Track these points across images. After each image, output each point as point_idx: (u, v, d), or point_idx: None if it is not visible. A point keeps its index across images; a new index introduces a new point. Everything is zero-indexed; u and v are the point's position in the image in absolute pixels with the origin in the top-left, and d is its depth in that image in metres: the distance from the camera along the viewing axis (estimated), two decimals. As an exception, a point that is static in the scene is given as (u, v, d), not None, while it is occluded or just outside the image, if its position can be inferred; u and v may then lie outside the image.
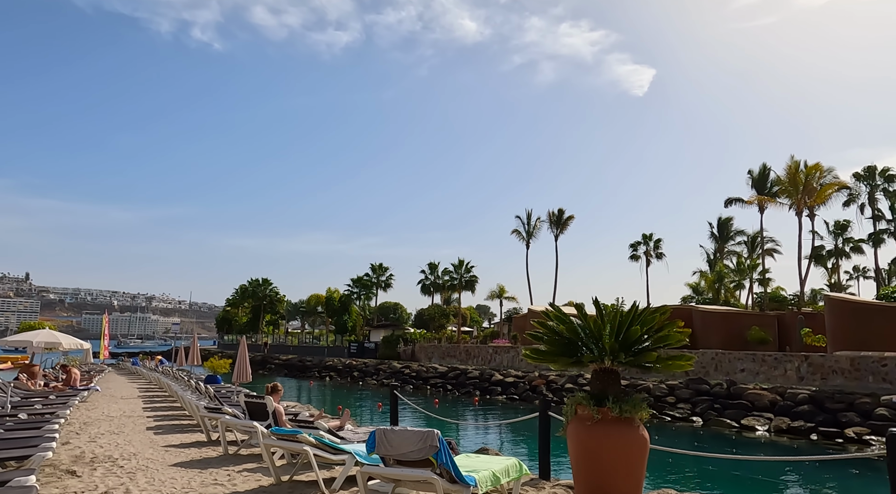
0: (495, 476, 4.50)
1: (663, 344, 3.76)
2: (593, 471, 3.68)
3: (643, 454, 3.68)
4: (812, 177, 40.25)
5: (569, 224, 61.02)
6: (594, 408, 3.74)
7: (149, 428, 10.21)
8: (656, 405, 25.50)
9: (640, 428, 3.68)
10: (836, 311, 26.48)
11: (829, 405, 21.36)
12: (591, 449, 3.68)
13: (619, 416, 3.66)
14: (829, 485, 14.51)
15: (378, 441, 4.31)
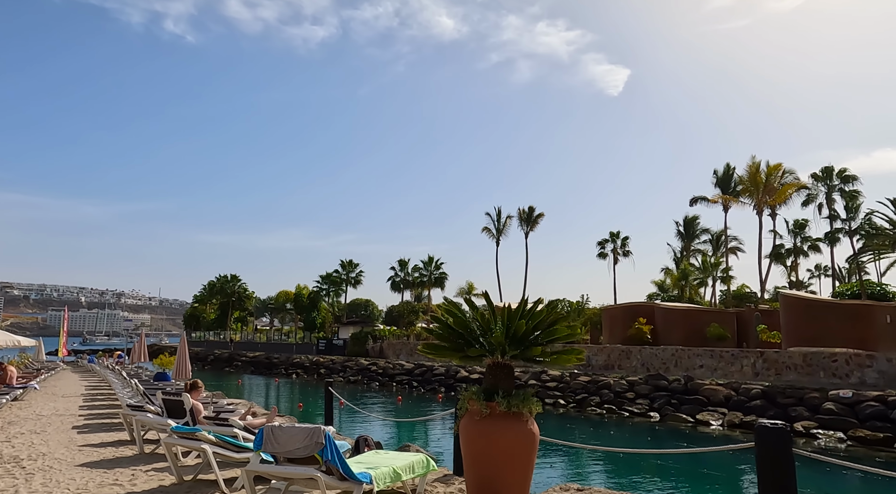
0: (396, 473, 4.41)
1: (550, 339, 3.69)
2: (482, 466, 3.60)
3: (531, 448, 3.61)
4: (772, 178, 41.02)
5: (539, 221, 61.22)
6: (482, 403, 3.66)
7: (75, 427, 9.90)
8: (616, 401, 25.75)
9: (528, 423, 3.61)
10: (791, 308, 27.01)
11: (781, 400, 21.76)
12: (480, 444, 3.60)
13: (508, 411, 3.59)
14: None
15: (266, 439, 4.20)
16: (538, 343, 3.68)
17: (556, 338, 3.75)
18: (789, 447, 3.25)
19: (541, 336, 3.66)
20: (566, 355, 3.88)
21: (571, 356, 3.89)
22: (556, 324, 3.71)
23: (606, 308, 36.80)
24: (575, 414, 25.23)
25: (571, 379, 29.10)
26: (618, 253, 54.41)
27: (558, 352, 3.78)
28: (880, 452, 17.36)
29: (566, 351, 3.78)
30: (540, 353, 3.74)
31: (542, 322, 3.70)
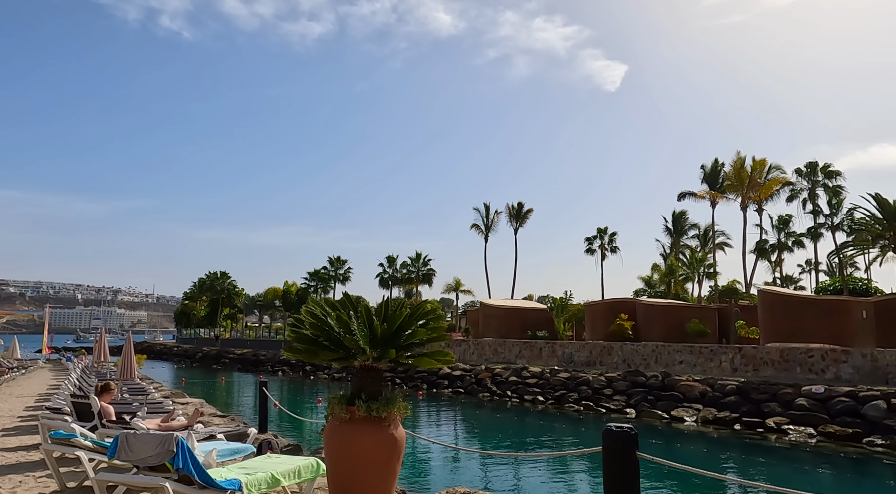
0: (274, 478, 4.32)
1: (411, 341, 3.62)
2: (341, 471, 3.53)
3: (393, 453, 3.54)
4: (756, 173, 41.06)
5: (528, 217, 61.30)
6: (342, 407, 3.59)
7: (4, 430, 9.79)
8: (594, 397, 25.76)
9: (391, 428, 3.54)
10: (768, 304, 27.04)
11: (755, 395, 21.79)
12: (340, 449, 3.53)
13: (369, 415, 3.52)
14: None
15: (120, 447, 4.10)
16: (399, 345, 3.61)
17: (416, 341, 3.68)
18: (634, 450, 3.20)
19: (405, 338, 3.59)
20: (428, 357, 3.79)
21: (434, 359, 3.80)
22: (425, 325, 3.63)
23: (589, 304, 36.81)
24: (553, 411, 25.23)
25: (552, 376, 29.11)
26: (605, 249, 54.45)
27: (424, 354, 3.71)
28: (848, 447, 17.41)
29: (433, 353, 3.70)
30: (394, 356, 3.65)
31: (405, 324, 3.63)
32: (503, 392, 29.27)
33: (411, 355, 3.69)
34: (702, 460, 16.11)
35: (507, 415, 24.86)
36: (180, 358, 65.58)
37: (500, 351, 37.38)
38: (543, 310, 39.90)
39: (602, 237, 54.33)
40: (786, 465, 15.74)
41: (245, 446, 5.68)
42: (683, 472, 14.30)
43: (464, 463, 15.34)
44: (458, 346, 41.45)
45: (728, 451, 17.40)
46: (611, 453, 3.22)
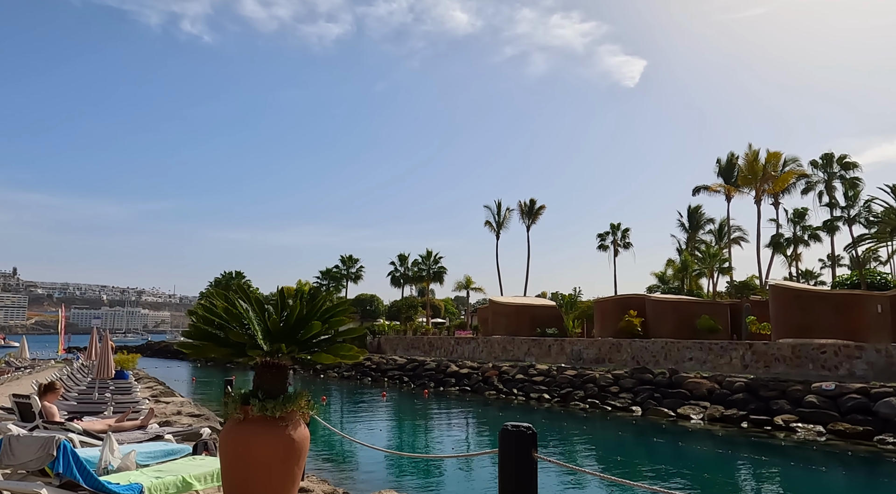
0: (185, 482, 4.12)
1: (308, 335, 3.39)
2: (236, 476, 3.33)
3: (291, 455, 3.32)
4: (771, 166, 40.19)
5: (540, 214, 60.77)
6: (236, 407, 3.39)
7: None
8: (600, 395, 25.35)
9: (288, 428, 3.32)
10: (779, 299, 26.38)
11: (763, 393, 21.25)
12: (233, 452, 3.33)
13: (264, 415, 3.31)
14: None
15: (3, 451, 3.88)
16: (298, 340, 3.39)
17: (326, 336, 3.47)
18: (531, 450, 2.95)
19: (303, 333, 3.37)
20: (328, 353, 3.56)
21: (332, 354, 3.56)
22: (333, 318, 3.42)
23: (598, 300, 36.30)
24: (559, 409, 24.87)
25: (558, 373, 28.75)
26: (618, 245, 53.79)
27: (333, 350, 3.49)
28: (859, 446, 16.86)
29: (333, 349, 3.48)
30: (286, 351, 3.42)
31: (303, 318, 3.41)
32: (509, 390, 28.97)
33: (312, 350, 3.46)
34: (705, 459, 15.71)
35: (509, 414, 24.57)
36: (196, 358, 66.19)
37: (509, 349, 37.07)
38: (553, 307, 39.48)
39: (615, 233, 53.67)
40: (791, 464, 15.27)
41: (181, 447, 5.51)
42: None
43: (407, 465, 14.96)
44: (467, 344, 41.21)
45: (732, 450, 16.94)
46: (507, 453, 2.98)
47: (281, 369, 3.49)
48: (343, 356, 3.48)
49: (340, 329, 3.50)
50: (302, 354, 3.41)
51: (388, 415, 24.40)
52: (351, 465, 14.74)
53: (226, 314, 3.32)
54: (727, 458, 15.92)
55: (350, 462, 15.22)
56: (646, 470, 14.78)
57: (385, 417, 24.06)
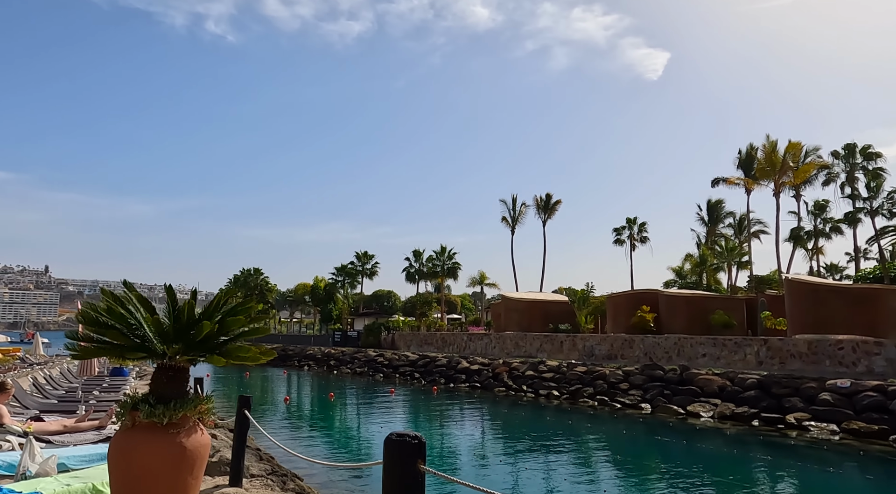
0: (96, 489, 3.94)
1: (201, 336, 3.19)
2: (122, 485, 3.15)
3: (183, 465, 3.12)
4: (791, 157, 39.16)
5: (556, 209, 60.20)
6: (124, 412, 3.21)
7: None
8: (609, 392, 24.94)
9: (180, 435, 3.12)
10: (795, 293, 25.65)
11: (776, 390, 20.68)
12: (121, 461, 3.15)
13: (153, 422, 3.12)
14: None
15: None
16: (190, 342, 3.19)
17: (227, 336, 3.27)
18: (416, 462, 2.72)
19: (195, 334, 3.17)
20: (220, 355, 3.35)
21: (223, 356, 3.35)
22: (231, 317, 3.22)
23: (611, 296, 35.75)
24: (567, 406, 24.51)
25: (568, 370, 28.37)
26: (635, 239, 52.93)
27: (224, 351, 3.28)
28: (873, 445, 16.28)
29: (230, 350, 3.28)
30: (174, 352, 3.22)
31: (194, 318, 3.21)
32: (518, 386, 28.68)
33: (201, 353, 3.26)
34: (709, 459, 15.26)
35: (514, 411, 24.30)
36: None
37: (522, 345, 36.75)
38: (565, 303, 39.03)
39: (631, 227, 52.83)
40: (801, 464, 14.76)
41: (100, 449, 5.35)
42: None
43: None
44: (479, 340, 40.96)
45: (740, 449, 16.47)
46: (391, 465, 2.75)
47: (178, 372, 3.31)
48: (241, 357, 3.29)
49: (238, 329, 3.30)
50: (186, 357, 3.21)
51: (385, 412, 24.25)
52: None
53: (108, 314, 3.15)
54: (733, 458, 15.46)
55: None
56: (644, 470, 14.43)
57: (381, 414, 23.93)
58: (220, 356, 3.30)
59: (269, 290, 73.05)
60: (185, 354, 3.19)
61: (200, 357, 3.27)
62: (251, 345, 3.38)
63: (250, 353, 3.30)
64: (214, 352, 3.28)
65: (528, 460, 15.22)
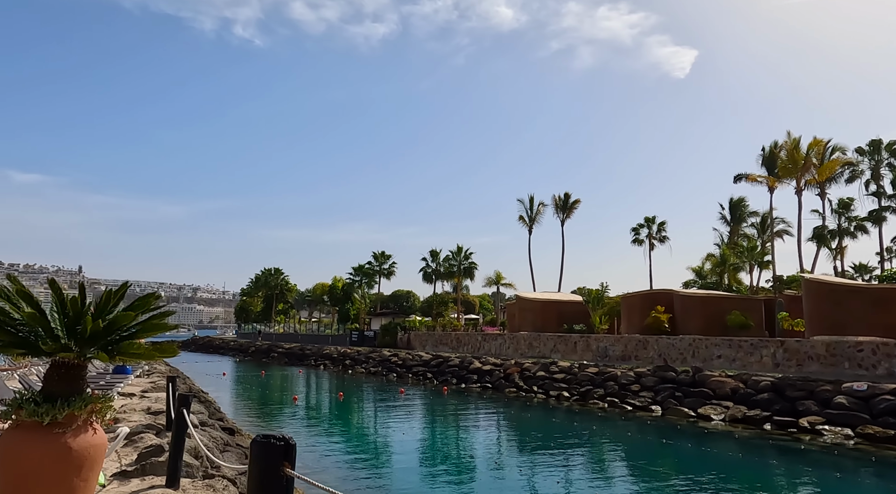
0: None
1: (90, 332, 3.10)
2: (8, 484, 3.06)
3: (69, 467, 3.02)
4: (814, 154, 38.14)
5: (575, 208, 59.59)
6: (9, 412, 3.12)
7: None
8: (620, 393, 24.52)
9: (66, 436, 3.03)
10: (813, 294, 24.91)
11: (790, 393, 20.09)
12: (5, 459, 3.06)
13: (36, 421, 3.03)
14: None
15: None
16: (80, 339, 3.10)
17: (123, 333, 3.18)
18: (280, 465, 2.60)
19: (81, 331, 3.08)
20: (104, 352, 3.25)
21: (105, 353, 3.24)
22: (118, 315, 3.13)
23: (625, 296, 35.19)
24: (578, 408, 24.16)
25: (579, 371, 27.99)
26: (653, 238, 52.18)
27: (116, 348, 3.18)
28: (889, 451, 15.69)
29: (124, 347, 3.19)
30: (54, 349, 3.11)
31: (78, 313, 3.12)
32: (529, 387, 28.38)
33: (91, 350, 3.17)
34: (714, 463, 14.84)
35: (520, 413, 24.04)
36: (235, 353, 67.82)
37: (535, 345, 36.42)
38: (580, 303, 38.57)
39: (650, 226, 52.09)
40: (811, 469, 14.27)
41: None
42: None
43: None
44: (493, 340, 40.72)
45: (748, 453, 15.99)
46: (256, 468, 2.63)
47: (72, 369, 3.22)
48: (133, 355, 3.19)
49: (128, 325, 3.20)
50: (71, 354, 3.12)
51: (390, 412, 24.15)
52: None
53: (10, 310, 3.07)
54: (742, 463, 14.99)
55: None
56: (645, 475, 14.09)
57: (385, 414, 23.84)
58: (112, 353, 3.21)
59: (289, 290, 73.70)
60: (69, 351, 3.10)
61: (89, 353, 3.19)
62: (151, 343, 3.29)
63: (142, 351, 3.20)
64: (105, 350, 3.18)
65: (526, 464, 15.01)
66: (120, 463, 5.97)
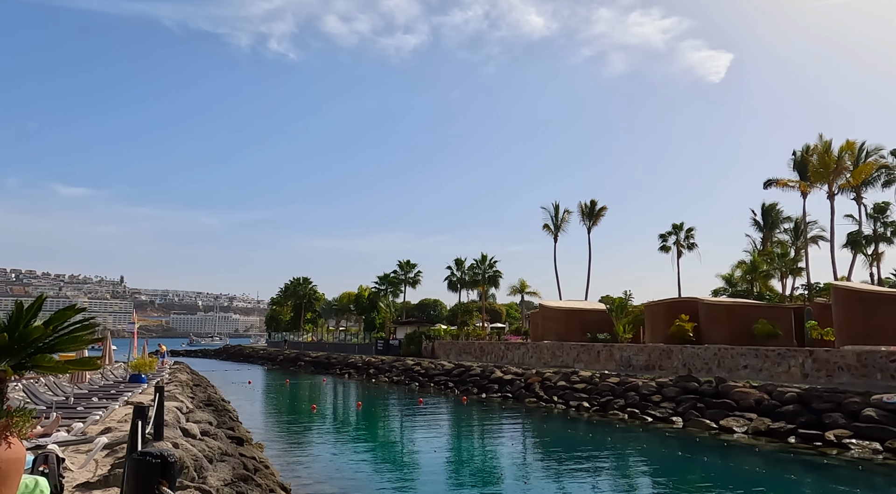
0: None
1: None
2: None
3: None
4: (847, 157, 36.96)
5: (602, 215, 58.91)
6: None
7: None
8: (640, 404, 23.98)
9: None
10: (843, 302, 24.00)
11: (816, 404, 19.33)
12: None
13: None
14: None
15: None
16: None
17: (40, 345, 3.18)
18: (155, 483, 2.55)
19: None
20: (13, 367, 3.23)
21: (10, 368, 3.22)
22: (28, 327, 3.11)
23: (648, 304, 34.47)
24: (597, 419, 23.69)
25: (600, 381, 27.50)
26: (681, 245, 51.12)
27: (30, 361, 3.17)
28: (920, 466, 14.94)
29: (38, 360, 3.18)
30: None
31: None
32: (549, 397, 27.98)
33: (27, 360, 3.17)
34: (736, 478, 14.32)
35: (538, 424, 23.68)
36: (264, 361, 68.70)
37: (558, 355, 35.94)
38: (603, 312, 37.95)
39: (677, 233, 51.06)
40: (834, 486, 13.66)
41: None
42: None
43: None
44: (517, 349, 40.33)
45: (771, 467, 15.41)
46: (132, 486, 2.58)
47: (-10, 381, 3.23)
48: (46, 367, 3.19)
49: (36, 338, 3.19)
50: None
51: (405, 422, 24.04)
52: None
53: None
54: (762, 477, 14.41)
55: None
56: (660, 489, 13.70)
57: (400, 424, 23.73)
58: (24, 367, 3.21)
59: (317, 299, 74.42)
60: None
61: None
62: (66, 358, 3.28)
63: (54, 364, 3.20)
64: (19, 364, 3.19)
65: (540, 479, 14.73)
66: (94, 473, 6.02)
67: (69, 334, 3.42)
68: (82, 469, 6.14)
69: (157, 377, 19.82)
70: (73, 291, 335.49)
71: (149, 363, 19.48)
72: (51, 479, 4.87)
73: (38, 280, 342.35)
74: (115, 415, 10.12)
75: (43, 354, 3.24)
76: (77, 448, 6.59)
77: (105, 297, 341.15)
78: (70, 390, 12.18)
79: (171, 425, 9.89)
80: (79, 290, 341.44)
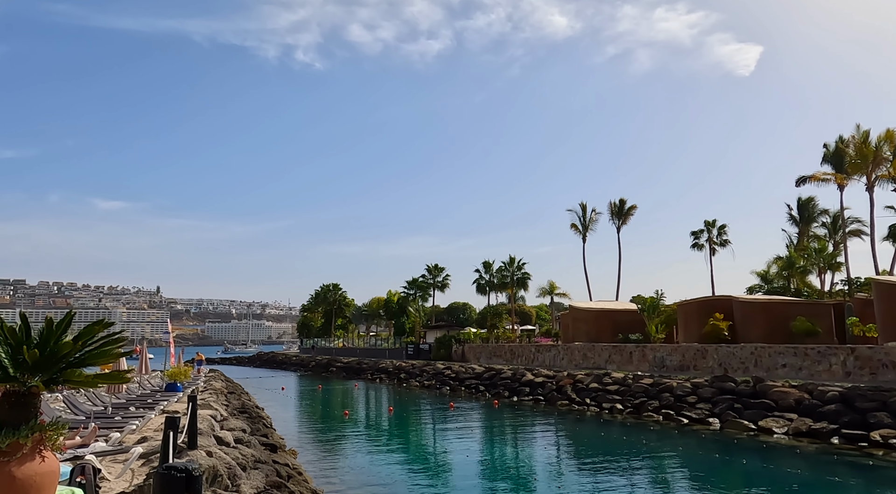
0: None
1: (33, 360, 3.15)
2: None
3: (11, 492, 3.07)
4: (888, 146, 35.82)
5: (632, 214, 58.19)
6: None
7: None
8: (675, 405, 23.53)
9: (11, 464, 3.08)
10: (885, 297, 23.20)
11: (860, 404, 18.72)
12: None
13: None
14: None
15: None
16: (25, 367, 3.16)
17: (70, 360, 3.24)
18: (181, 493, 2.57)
19: (23, 361, 3.14)
20: (46, 383, 3.28)
21: (42, 384, 3.28)
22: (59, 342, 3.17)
23: (681, 303, 33.83)
24: (631, 421, 23.33)
25: (633, 382, 27.08)
26: (714, 243, 50.18)
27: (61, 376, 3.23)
28: (972, 467, 14.34)
29: (68, 375, 3.24)
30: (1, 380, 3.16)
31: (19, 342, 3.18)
32: (582, 400, 27.66)
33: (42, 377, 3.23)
34: (777, 481, 13.93)
35: (571, 427, 23.39)
36: (297, 367, 69.47)
37: (590, 356, 35.53)
38: (635, 312, 37.39)
39: (710, 230, 50.14)
40: (879, 489, 13.20)
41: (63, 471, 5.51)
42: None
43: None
44: (547, 352, 40.01)
45: (814, 469, 14.94)
46: None
47: (22, 397, 3.30)
48: (77, 382, 3.25)
49: (67, 353, 3.25)
50: (16, 383, 3.19)
51: (437, 428, 23.98)
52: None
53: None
54: (805, 480, 13.99)
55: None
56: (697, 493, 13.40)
57: (431, 430, 23.68)
58: (55, 382, 3.28)
59: (347, 305, 74.97)
60: (14, 380, 3.18)
61: (31, 383, 3.26)
62: (95, 372, 3.34)
63: (84, 378, 3.26)
64: (51, 378, 3.26)
65: (573, 482, 14.54)
66: (129, 483, 6.14)
67: (98, 348, 3.48)
68: (119, 478, 6.25)
69: (193, 385, 20.15)
70: (112, 302, 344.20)
71: (184, 371, 19.84)
72: (87, 490, 4.97)
73: (78, 291, 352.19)
74: (151, 424, 10.33)
75: (73, 369, 3.29)
76: (114, 458, 6.74)
77: (142, 307, 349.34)
78: (108, 400, 12.47)
79: (206, 433, 10.01)
80: (117, 301, 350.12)
